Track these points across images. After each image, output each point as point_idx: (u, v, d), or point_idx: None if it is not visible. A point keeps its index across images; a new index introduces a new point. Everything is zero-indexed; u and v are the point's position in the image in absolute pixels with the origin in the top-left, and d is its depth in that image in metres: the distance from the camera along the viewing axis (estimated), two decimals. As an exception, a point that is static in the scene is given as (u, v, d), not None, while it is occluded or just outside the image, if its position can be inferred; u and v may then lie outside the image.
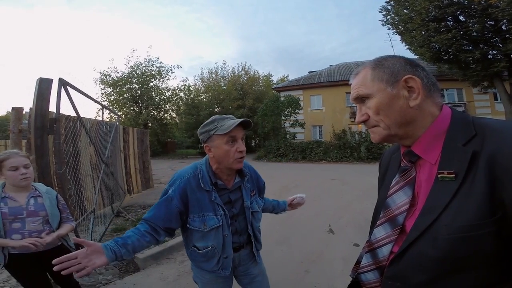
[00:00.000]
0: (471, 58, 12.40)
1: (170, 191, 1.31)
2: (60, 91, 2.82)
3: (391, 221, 0.77)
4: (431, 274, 0.64)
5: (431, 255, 0.63)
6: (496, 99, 16.73)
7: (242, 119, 1.28)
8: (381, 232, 0.79)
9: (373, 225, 0.86)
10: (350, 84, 0.83)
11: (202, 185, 1.31)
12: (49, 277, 1.86)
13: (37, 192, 1.80)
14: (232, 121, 1.27)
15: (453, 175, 0.63)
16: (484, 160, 0.59)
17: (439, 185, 0.65)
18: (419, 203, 0.71)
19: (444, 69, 15.18)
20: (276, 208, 1.77)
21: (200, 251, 1.34)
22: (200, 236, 1.32)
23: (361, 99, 0.78)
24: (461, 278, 0.61)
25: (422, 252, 0.65)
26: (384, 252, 0.77)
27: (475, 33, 11.73)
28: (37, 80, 2.69)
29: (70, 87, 3.01)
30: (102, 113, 5.38)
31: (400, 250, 0.70)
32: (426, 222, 0.65)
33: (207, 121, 1.33)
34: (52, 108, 2.81)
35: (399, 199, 0.76)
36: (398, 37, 15.29)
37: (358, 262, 0.87)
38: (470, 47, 12.52)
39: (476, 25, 11.38)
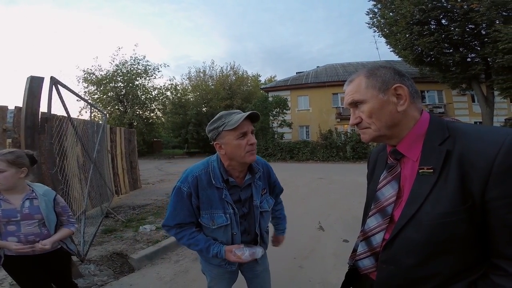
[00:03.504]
0: (451, 61, 12.98)
1: (184, 188, 1.30)
2: (52, 90, 2.77)
3: (381, 211, 0.87)
4: (418, 257, 0.75)
5: (417, 239, 0.74)
6: (473, 100, 17.53)
7: (250, 111, 1.25)
8: (373, 221, 0.89)
9: (365, 216, 0.97)
10: (344, 90, 0.92)
11: (213, 182, 1.29)
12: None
13: (34, 194, 1.69)
14: (240, 115, 1.24)
15: (431, 170, 0.74)
16: (456, 157, 0.71)
17: (420, 179, 0.77)
18: (404, 195, 0.82)
19: (425, 71, 15.78)
20: (275, 223, 1.73)
21: None
22: (209, 232, 1.35)
23: (355, 104, 0.87)
24: (444, 260, 0.72)
25: (409, 237, 0.76)
26: (377, 239, 0.87)
27: (456, 37, 12.29)
28: (27, 78, 2.63)
29: (62, 86, 2.95)
30: (91, 112, 5.28)
31: (391, 236, 0.80)
32: (411, 211, 0.76)
33: (214, 118, 1.30)
34: (42, 107, 2.75)
35: (387, 192, 0.87)
36: (383, 40, 15.77)
37: (355, 250, 0.98)
38: (451, 50, 13.09)
39: (457, 29, 11.92)
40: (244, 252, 1.28)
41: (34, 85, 2.65)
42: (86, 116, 17.87)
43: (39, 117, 2.72)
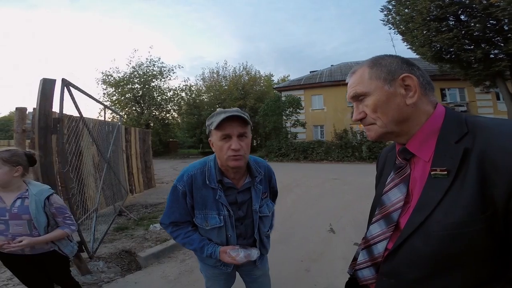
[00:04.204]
0: (473, 58, 12.35)
1: (180, 187, 1.29)
2: (63, 92, 2.85)
3: (386, 218, 0.78)
4: (424, 271, 0.65)
5: (424, 251, 0.64)
6: (498, 98, 16.66)
7: (228, 114, 1.15)
8: (376, 229, 0.80)
9: (369, 222, 0.88)
10: (347, 83, 0.84)
11: (207, 182, 1.26)
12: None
13: (27, 193, 1.64)
14: (221, 116, 1.16)
15: (445, 172, 0.64)
16: (475, 157, 0.60)
17: (432, 182, 0.66)
18: (413, 200, 0.72)
19: (445, 68, 15.11)
20: None
21: None
22: (203, 232, 1.33)
23: (358, 97, 0.79)
24: (453, 275, 0.62)
25: (415, 248, 0.66)
26: (379, 248, 0.78)
27: (476, 33, 11.67)
28: (40, 80, 2.72)
29: (73, 87, 3.04)
30: (105, 113, 5.43)
31: (394, 246, 0.71)
32: (419, 219, 0.66)
33: (211, 114, 1.27)
34: (55, 108, 2.84)
35: (394, 196, 0.77)
36: (399, 37, 15.23)
37: (355, 259, 0.89)
38: (472, 47, 12.46)
39: (477, 25, 11.33)
40: (238, 253, 1.24)
41: (46, 87, 2.73)
42: (106, 117, 18.44)
43: (52, 117, 2.82)
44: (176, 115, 27.07)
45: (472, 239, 0.59)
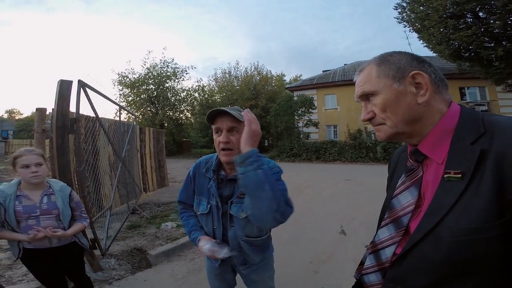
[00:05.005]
0: (493, 56, 11.85)
1: (191, 172, 1.45)
2: (80, 92, 2.95)
3: (395, 222, 0.75)
4: (432, 278, 0.62)
5: (434, 258, 0.61)
6: (522, 97, 15.90)
7: (210, 110, 1.22)
8: (385, 233, 0.77)
9: (378, 226, 0.85)
10: (354, 81, 0.81)
11: (204, 171, 1.38)
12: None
13: (51, 190, 1.80)
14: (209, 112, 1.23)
15: (460, 175, 0.60)
16: (492, 159, 0.57)
17: (445, 186, 0.63)
18: (425, 204, 0.69)
19: (464, 67, 14.59)
20: None
21: None
22: (199, 218, 1.42)
23: (367, 96, 0.76)
24: (463, 283, 0.59)
25: (424, 254, 0.63)
26: (387, 253, 0.75)
27: (497, 30, 11.20)
28: (58, 82, 2.82)
29: (89, 88, 3.13)
30: (120, 114, 5.56)
31: (403, 252, 0.68)
32: (430, 224, 0.63)
33: None
34: (73, 108, 2.93)
35: (405, 200, 0.74)
36: (415, 35, 14.84)
37: (362, 263, 0.86)
38: (492, 44, 11.96)
39: (497, 22, 10.86)
40: (205, 244, 1.26)
41: (63, 88, 2.82)
42: (122, 117, 18.91)
43: (69, 117, 2.91)
44: (189, 115, 27.40)
45: (486, 246, 0.55)
